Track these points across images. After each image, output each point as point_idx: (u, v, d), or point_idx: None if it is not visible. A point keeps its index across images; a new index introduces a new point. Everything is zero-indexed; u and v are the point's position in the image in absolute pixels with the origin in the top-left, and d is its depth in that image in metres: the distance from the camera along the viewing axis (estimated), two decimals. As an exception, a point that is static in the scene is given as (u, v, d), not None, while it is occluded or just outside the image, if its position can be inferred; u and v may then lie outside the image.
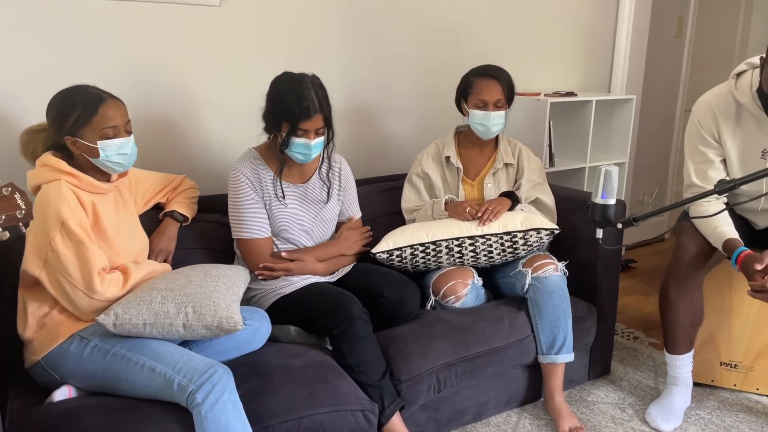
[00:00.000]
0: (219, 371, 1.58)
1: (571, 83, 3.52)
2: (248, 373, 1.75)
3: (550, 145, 3.10)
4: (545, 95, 3.13)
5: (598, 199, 1.60)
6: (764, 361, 2.30)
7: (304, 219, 2.12)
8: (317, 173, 2.17)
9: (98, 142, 1.70)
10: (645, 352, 2.69)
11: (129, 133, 1.77)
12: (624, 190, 3.45)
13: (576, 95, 3.19)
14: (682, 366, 2.21)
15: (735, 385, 2.35)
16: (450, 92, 2.98)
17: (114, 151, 1.73)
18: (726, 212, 2.03)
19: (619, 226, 1.58)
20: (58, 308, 1.71)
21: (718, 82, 2.20)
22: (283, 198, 2.08)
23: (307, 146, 1.99)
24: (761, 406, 2.28)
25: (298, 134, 1.97)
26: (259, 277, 2.05)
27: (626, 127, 3.39)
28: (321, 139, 2.02)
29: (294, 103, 1.94)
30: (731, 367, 2.34)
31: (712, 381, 2.38)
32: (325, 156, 2.17)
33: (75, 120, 1.69)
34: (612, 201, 1.60)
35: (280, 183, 2.07)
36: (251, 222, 2.04)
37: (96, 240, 1.72)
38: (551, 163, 3.12)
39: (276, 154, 2.07)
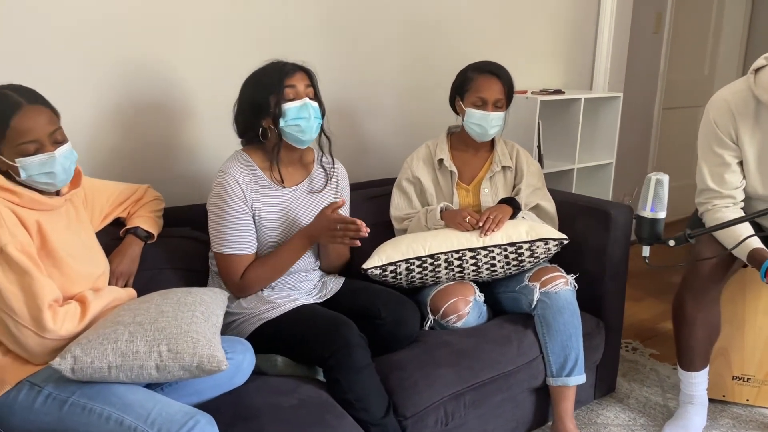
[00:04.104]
0: (201, 422, 1.33)
1: (553, 81, 3.37)
2: (232, 417, 1.50)
3: (539, 146, 2.93)
4: (532, 93, 2.97)
5: (647, 212, 1.41)
6: (778, 374, 2.18)
7: (301, 226, 1.87)
8: (316, 164, 1.95)
9: (17, 160, 1.41)
10: (647, 365, 2.54)
11: (57, 144, 1.46)
12: (610, 191, 3.33)
13: (564, 93, 3.04)
14: (698, 383, 2.06)
15: (747, 400, 2.23)
16: (432, 90, 2.79)
17: (36, 170, 1.43)
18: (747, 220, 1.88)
19: (672, 243, 1.40)
20: (2, 349, 1.43)
21: (693, 79, 2.07)
22: (282, 183, 1.85)
23: (304, 107, 1.76)
24: (776, 422, 2.17)
25: (288, 96, 1.75)
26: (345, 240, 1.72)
27: (612, 125, 3.27)
28: (315, 104, 1.80)
29: (272, 69, 1.79)
30: (744, 381, 2.21)
31: (724, 396, 2.25)
32: (324, 150, 1.93)
33: None
34: (662, 214, 1.41)
35: (278, 166, 1.83)
36: (235, 236, 1.79)
37: (45, 266, 1.44)
38: (540, 165, 2.96)
39: (267, 153, 1.84)
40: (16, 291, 1.37)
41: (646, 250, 1.46)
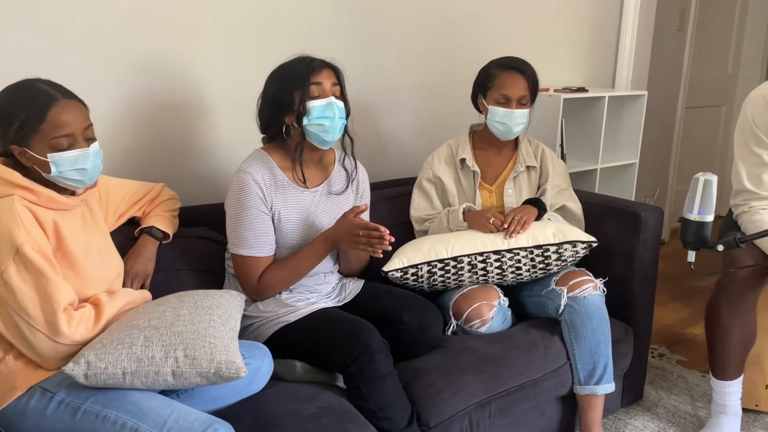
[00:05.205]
0: (220, 430, 1.28)
1: (575, 78, 3.29)
2: (251, 425, 1.44)
3: (562, 145, 2.86)
4: (555, 91, 2.89)
5: (694, 215, 1.33)
6: (814, 384, 2.09)
7: (321, 228, 1.81)
8: (337, 165, 1.88)
9: (49, 155, 1.36)
10: (674, 372, 2.46)
11: (90, 140, 1.42)
12: (633, 192, 3.25)
13: (587, 91, 2.96)
14: (732, 393, 1.98)
15: (781, 410, 2.15)
16: (453, 87, 2.72)
17: (69, 165, 1.38)
18: None
19: (721, 248, 1.32)
20: (13, 353, 1.38)
21: (717, 77, 1.98)
22: (305, 183, 1.78)
23: (329, 106, 1.69)
24: (813, 433, 2.08)
25: (314, 94, 1.69)
26: (368, 250, 1.66)
27: (636, 125, 3.18)
28: (341, 103, 1.73)
29: (299, 65, 1.72)
30: (778, 390, 2.13)
31: (756, 405, 2.16)
32: (347, 151, 1.87)
33: (20, 127, 1.35)
34: (710, 217, 1.33)
35: (301, 166, 1.76)
36: (254, 237, 1.73)
37: (60, 268, 1.39)
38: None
39: (288, 152, 1.77)
40: (31, 293, 1.32)
41: (691, 255, 1.38)
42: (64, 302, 1.35)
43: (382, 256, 1.70)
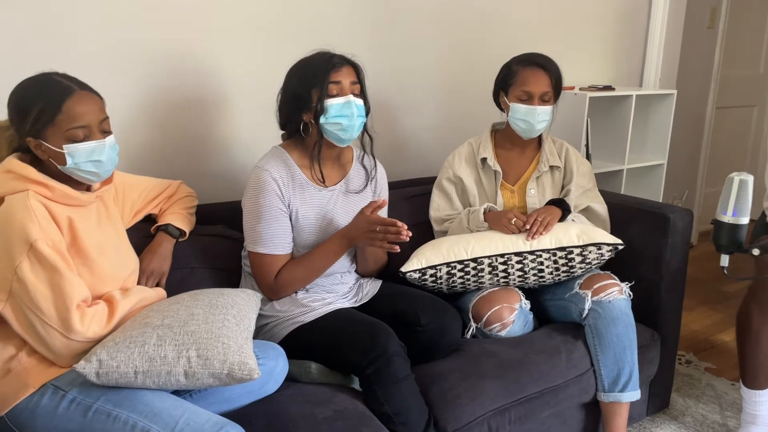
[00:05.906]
0: (230, 433, 1.25)
1: (602, 76, 3.21)
2: (264, 427, 1.42)
3: (587, 145, 2.79)
4: (581, 89, 2.83)
5: (728, 217, 1.27)
6: None
7: (338, 227, 1.78)
8: (356, 163, 1.85)
9: (64, 147, 1.35)
10: (702, 380, 2.39)
11: (105, 133, 1.41)
12: (661, 193, 3.16)
13: (614, 89, 2.89)
14: (763, 402, 1.91)
15: (815, 422, 2.06)
16: (474, 84, 2.68)
17: (84, 157, 1.37)
18: None
19: (756, 252, 1.26)
20: (26, 350, 1.37)
21: (750, 76, 1.90)
22: (323, 182, 1.76)
23: (347, 105, 1.66)
24: None
25: (332, 92, 1.66)
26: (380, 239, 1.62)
27: (664, 124, 3.11)
28: (360, 101, 1.70)
29: (318, 61, 1.68)
30: (812, 400, 2.04)
31: (789, 416, 2.08)
32: (366, 149, 1.83)
33: (35, 118, 1.34)
34: (745, 220, 1.27)
35: (319, 165, 1.73)
36: (271, 235, 1.70)
37: (74, 264, 1.38)
38: (589, 164, 2.81)
39: (307, 150, 1.75)
40: (45, 290, 1.31)
41: (724, 260, 1.32)
42: (77, 299, 1.33)
43: (398, 250, 1.66)
